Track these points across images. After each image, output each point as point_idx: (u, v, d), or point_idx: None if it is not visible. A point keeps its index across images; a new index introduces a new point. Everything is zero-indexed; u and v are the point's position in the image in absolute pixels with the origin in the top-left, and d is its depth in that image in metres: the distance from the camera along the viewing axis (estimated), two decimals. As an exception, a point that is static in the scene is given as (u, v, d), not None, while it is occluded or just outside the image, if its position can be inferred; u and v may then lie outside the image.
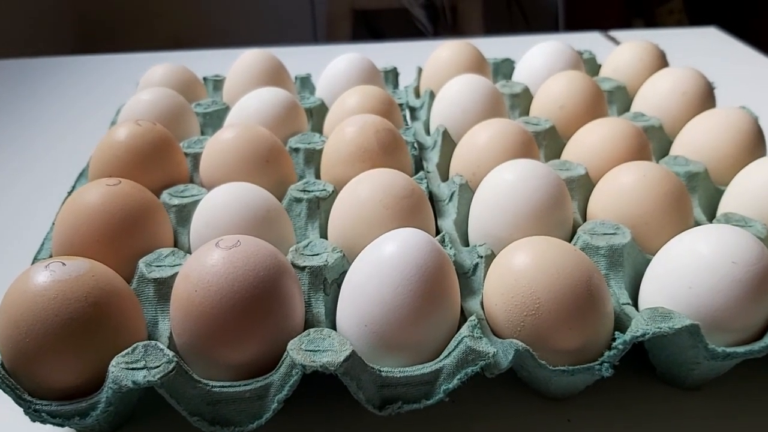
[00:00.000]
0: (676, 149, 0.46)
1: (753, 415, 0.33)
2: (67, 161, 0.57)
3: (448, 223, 0.41)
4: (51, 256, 0.37)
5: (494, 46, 0.69)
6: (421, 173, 0.43)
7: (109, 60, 0.87)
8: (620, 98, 0.55)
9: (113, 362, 0.28)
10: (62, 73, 0.81)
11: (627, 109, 0.54)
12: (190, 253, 0.37)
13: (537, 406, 0.33)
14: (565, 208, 0.38)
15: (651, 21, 1.70)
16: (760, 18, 1.64)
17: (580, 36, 0.90)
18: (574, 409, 0.33)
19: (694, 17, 1.68)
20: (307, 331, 0.30)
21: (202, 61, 0.69)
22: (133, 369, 0.28)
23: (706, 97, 0.50)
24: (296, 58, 0.66)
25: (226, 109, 0.53)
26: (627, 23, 1.67)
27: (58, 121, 0.68)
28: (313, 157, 0.46)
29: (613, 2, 1.68)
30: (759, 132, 0.44)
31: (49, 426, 0.30)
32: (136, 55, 0.87)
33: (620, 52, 0.59)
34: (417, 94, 0.60)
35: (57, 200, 0.43)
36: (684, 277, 0.32)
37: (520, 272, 0.31)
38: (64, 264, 0.30)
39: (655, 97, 0.51)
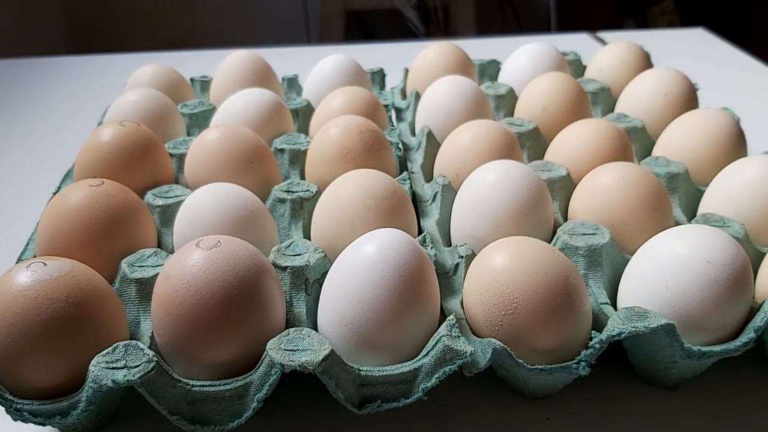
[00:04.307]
0: (658, 150, 0.47)
1: (730, 413, 0.33)
2: (55, 161, 0.57)
3: (430, 224, 0.41)
4: (35, 257, 0.37)
5: (485, 47, 0.70)
6: (404, 174, 0.43)
7: (98, 60, 0.87)
8: (604, 99, 0.55)
9: (93, 362, 0.28)
10: (52, 74, 0.81)
11: (611, 110, 0.55)
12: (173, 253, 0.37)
13: (516, 405, 0.34)
14: (545, 209, 0.38)
15: (642, 22, 1.70)
16: (753, 18, 1.65)
17: (568, 37, 0.91)
18: (553, 407, 0.33)
19: (685, 18, 1.69)
20: (286, 330, 0.30)
21: (194, 62, 0.69)
22: (113, 368, 0.28)
23: (689, 98, 0.50)
24: (288, 59, 0.66)
25: (212, 110, 0.53)
26: (618, 24, 1.68)
27: (46, 122, 0.68)
28: (298, 158, 0.46)
29: (605, 3, 1.68)
30: (740, 133, 0.45)
31: (31, 426, 0.30)
32: (126, 56, 0.87)
33: (605, 53, 0.59)
34: (403, 95, 0.60)
35: (44, 200, 0.44)
36: (660, 277, 0.32)
37: (498, 272, 0.31)
38: (45, 264, 0.30)
39: (638, 98, 0.51)
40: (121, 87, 0.58)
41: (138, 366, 0.28)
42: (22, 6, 1.45)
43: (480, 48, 0.64)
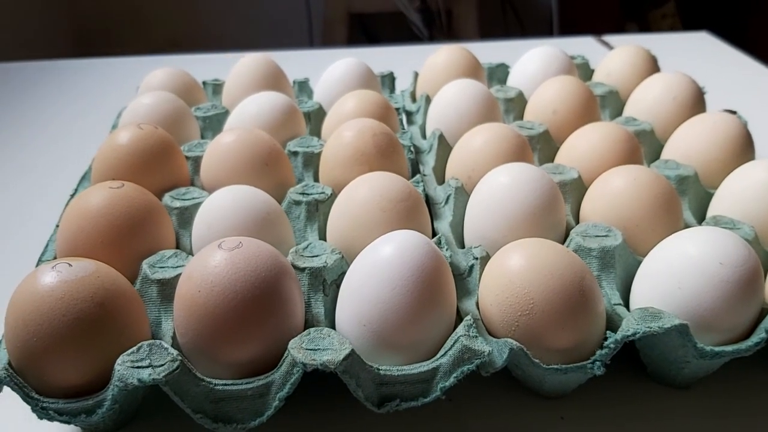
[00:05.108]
0: (667, 153, 0.47)
1: (742, 412, 0.34)
2: (67, 164, 0.58)
3: (444, 226, 0.41)
4: (55, 258, 0.37)
5: (489, 51, 0.70)
6: (417, 176, 0.44)
7: (107, 63, 0.87)
8: (612, 103, 0.56)
9: (119, 361, 0.29)
10: (61, 77, 0.82)
11: (619, 113, 0.55)
12: (192, 254, 0.37)
13: (531, 404, 0.34)
14: (558, 211, 0.39)
15: (644, 25, 1.71)
16: (754, 20, 1.65)
17: (573, 41, 0.92)
18: (567, 407, 0.34)
19: (687, 21, 1.70)
20: (307, 330, 0.31)
21: (199, 65, 0.70)
22: (138, 367, 0.29)
23: (697, 102, 0.51)
24: (292, 62, 0.66)
25: (225, 113, 0.53)
26: (620, 27, 1.69)
27: (57, 124, 0.69)
28: (311, 161, 0.46)
29: (607, 7, 1.69)
30: (748, 136, 0.45)
31: (55, 424, 0.30)
32: (135, 59, 0.88)
33: (613, 57, 0.60)
34: (413, 99, 0.61)
35: (57, 203, 0.44)
36: (673, 278, 0.33)
37: (515, 273, 0.32)
38: (70, 265, 0.30)
39: (647, 101, 0.52)
40: (129, 90, 0.59)
41: (163, 365, 0.29)
42: (24, 8, 1.45)
43: (484, 51, 0.65)
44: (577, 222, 0.42)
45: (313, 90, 0.60)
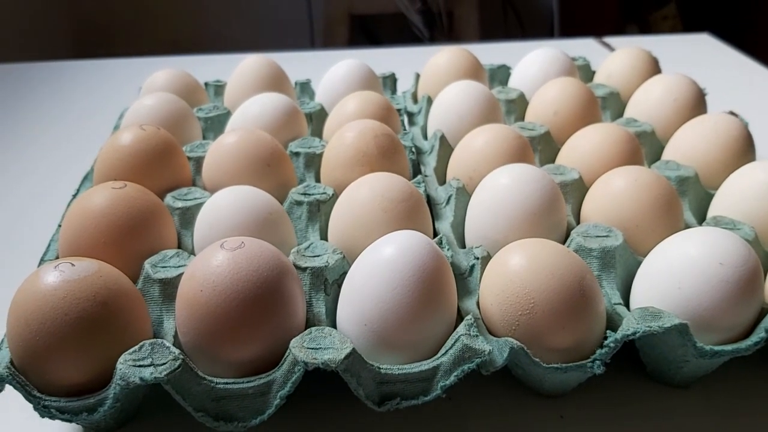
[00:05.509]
0: (667, 154, 0.47)
1: (741, 411, 0.34)
2: (69, 164, 0.58)
3: (445, 226, 0.42)
4: (57, 257, 0.37)
5: (490, 52, 0.70)
6: (419, 177, 0.44)
7: (109, 64, 0.87)
8: (613, 104, 0.56)
9: (121, 359, 0.29)
10: (64, 78, 0.82)
11: (620, 114, 0.55)
12: (194, 254, 0.38)
13: (531, 403, 0.34)
14: (559, 212, 0.39)
15: (645, 27, 1.71)
16: (755, 22, 1.65)
17: (574, 42, 0.92)
18: (567, 405, 0.34)
19: (688, 23, 1.70)
20: (308, 329, 0.31)
21: (201, 66, 0.70)
22: (140, 366, 0.29)
23: (698, 104, 0.51)
24: (294, 63, 0.67)
25: (227, 114, 0.53)
26: (621, 29, 1.69)
27: (59, 125, 0.69)
28: (313, 161, 0.47)
29: (608, 8, 1.69)
30: (748, 137, 0.45)
31: (57, 422, 0.31)
32: (136, 60, 0.88)
33: (614, 58, 0.60)
34: (415, 100, 0.61)
35: (60, 203, 0.44)
36: (674, 278, 0.33)
37: (515, 273, 0.32)
38: (73, 264, 0.31)
39: (648, 103, 0.52)
40: (131, 91, 0.59)
41: (164, 364, 0.29)
42: (24, 8, 1.45)
43: (484, 53, 0.65)
44: (578, 222, 0.42)
45: (314, 91, 0.61)
